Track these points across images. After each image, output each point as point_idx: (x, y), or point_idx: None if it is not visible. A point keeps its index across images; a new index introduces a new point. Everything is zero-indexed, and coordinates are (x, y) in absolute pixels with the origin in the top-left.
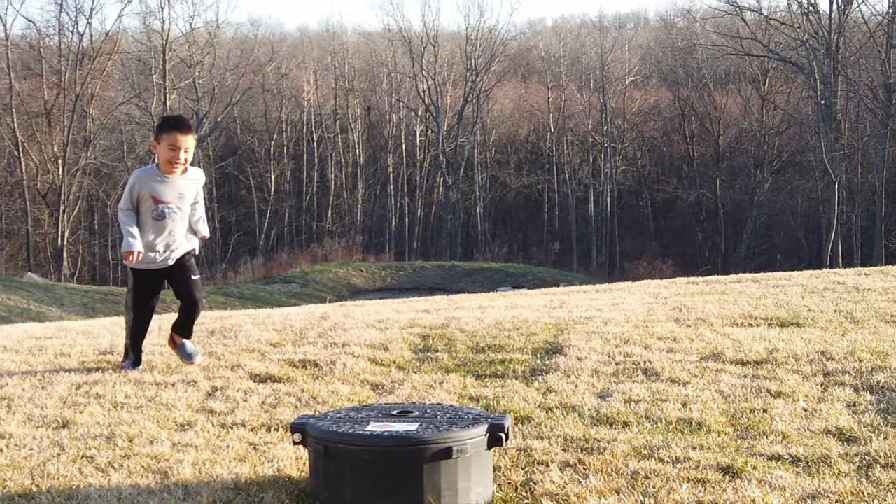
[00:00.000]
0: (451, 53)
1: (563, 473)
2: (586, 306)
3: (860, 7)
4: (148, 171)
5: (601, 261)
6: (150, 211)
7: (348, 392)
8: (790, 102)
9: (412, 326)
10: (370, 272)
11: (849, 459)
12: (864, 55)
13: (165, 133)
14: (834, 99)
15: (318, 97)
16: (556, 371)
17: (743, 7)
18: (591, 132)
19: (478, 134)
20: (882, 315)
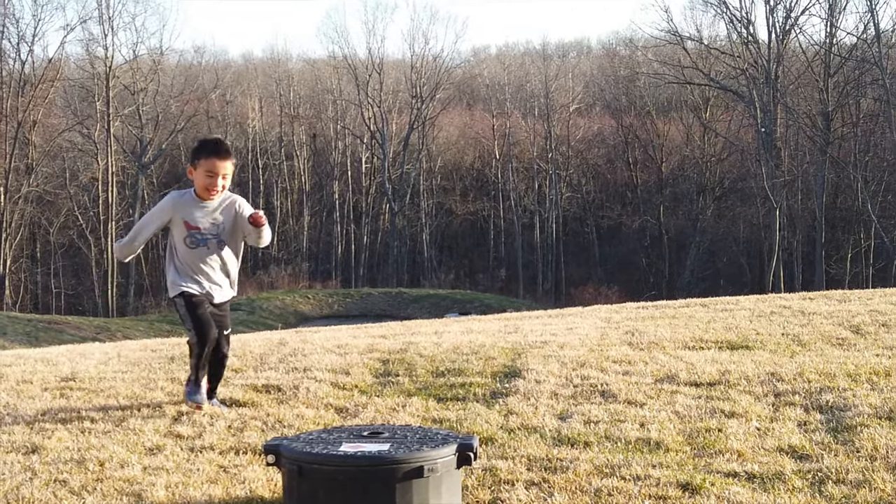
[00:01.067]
0: (397, 81)
1: (528, 492)
2: (541, 331)
3: (798, 37)
4: (184, 194)
5: (547, 287)
6: (182, 237)
7: (313, 416)
8: (731, 130)
9: (371, 351)
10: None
11: (802, 476)
12: (803, 84)
13: (202, 158)
14: (774, 127)
15: (262, 124)
16: (516, 394)
17: (684, 36)
18: (536, 159)
19: (423, 161)
20: (827, 338)
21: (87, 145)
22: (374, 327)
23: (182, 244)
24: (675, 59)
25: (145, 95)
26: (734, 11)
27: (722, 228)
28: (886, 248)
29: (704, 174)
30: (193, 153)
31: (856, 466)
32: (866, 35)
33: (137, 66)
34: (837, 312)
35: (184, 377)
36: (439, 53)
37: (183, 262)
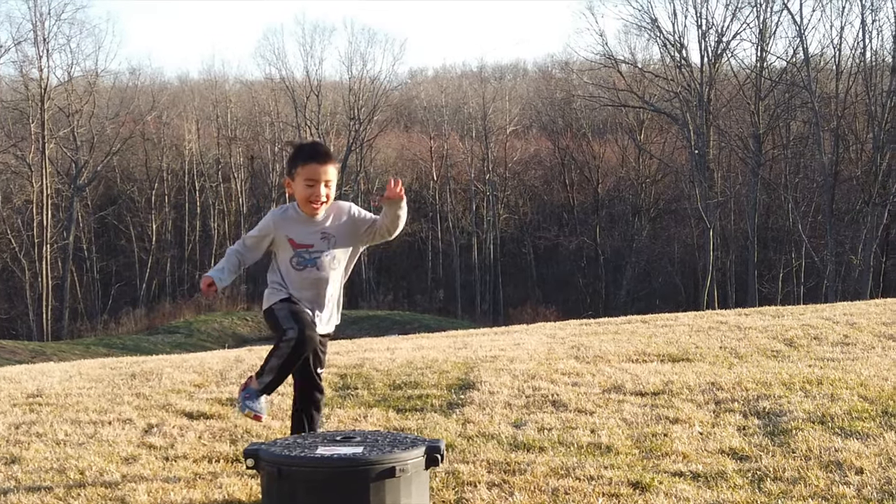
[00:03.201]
0: (335, 103)
1: (490, 492)
2: (489, 346)
3: (730, 61)
4: (286, 209)
5: (485, 307)
6: (288, 258)
7: (280, 426)
8: (665, 152)
9: (328, 367)
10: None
11: (743, 474)
12: (735, 107)
13: (300, 166)
14: (707, 149)
15: (199, 146)
16: (472, 404)
17: (618, 60)
18: (474, 181)
19: (361, 182)
20: (763, 350)
21: (21, 167)
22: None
23: (288, 265)
24: (610, 81)
25: (80, 117)
26: (667, 36)
27: (657, 249)
28: (817, 267)
29: (640, 195)
30: (289, 162)
31: (792, 465)
32: (796, 59)
33: (73, 88)
34: (771, 327)
35: (147, 391)
36: (377, 76)
37: (288, 286)
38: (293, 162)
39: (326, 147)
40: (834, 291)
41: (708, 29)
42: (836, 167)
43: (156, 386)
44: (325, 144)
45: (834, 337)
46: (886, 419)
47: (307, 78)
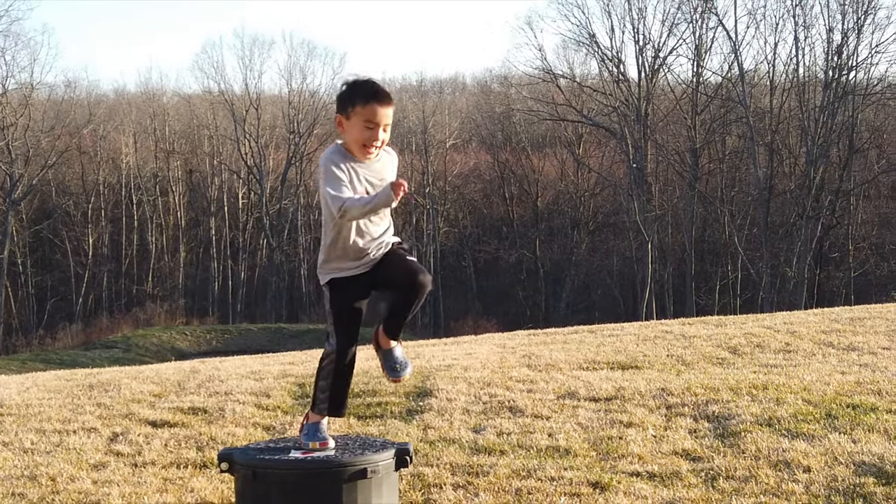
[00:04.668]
0: (274, 116)
1: (456, 493)
2: (442, 356)
3: (666, 76)
4: (337, 151)
5: (426, 320)
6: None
7: (244, 434)
8: (604, 166)
9: (285, 376)
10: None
11: (696, 474)
12: (672, 121)
13: (359, 105)
14: (645, 162)
15: (137, 159)
16: (431, 411)
17: (557, 74)
18: (414, 194)
19: (301, 196)
20: (708, 358)
21: None
22: (279, 356)
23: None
24: (549, 96)
25: (15, 130)
26: (605, 51)
27: (596, 261)
28: (752, 279)
29: (578, 209)
30: (345, 99)
31: (742, 465)
32: (731, 75)
33: (7, 101)
34: (715, 336)
35: (108, 401)
36: (317, 89)
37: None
38: (349, 99)
39: (377, 82)
40: (769, 303)
41: (645, 44)
42: (770, 181)
43: (115, 396)
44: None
45: (776, 345)
46: (830, 421)
47: (246, 91)
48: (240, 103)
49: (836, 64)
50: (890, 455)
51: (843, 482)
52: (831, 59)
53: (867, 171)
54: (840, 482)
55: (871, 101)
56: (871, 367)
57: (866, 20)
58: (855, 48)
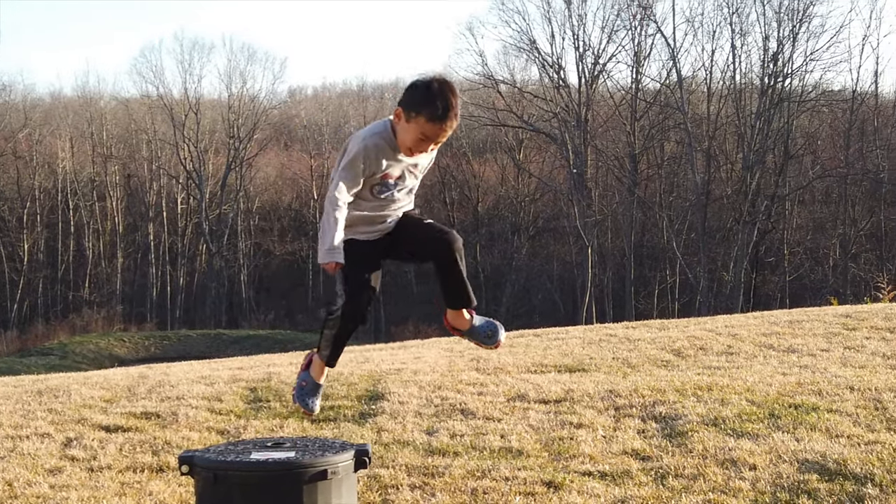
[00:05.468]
0: (213, 121)
1: (413, 493)
2: (391, 360)
3: (606, 82)
4: (382, 135)
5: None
6: (372, 188)
7: (198, 438)
8: (544, 171)
9: (236, 381)
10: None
11: (646, 472)
12: (612, 127)
13: (424, 117)
14: (585, 168)
15: (73, 164)
16: (384, 414)
17: (498, 80)
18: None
19: (241, 201)
20: (653, 360)
21: None
22: (227, 361)
23: (369, 192)
24: (489, 101)
25: None
26: (546, 57)
27: (536, 266)
28: (690, 283)
29: (519, 214)
30: (413, 103)
31: (690, 464)
32: (669, 81)
33: None
34: (659, 339)
35: (59, 407)
36: (257, 94)
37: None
38: (417, 106)
39: (455, 104)
40: (707, 307)
41: (585, 51)
42: (708, 186)
43: (66, 402)
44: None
45: (718, 347)
46: (773, 420)
47: (185, 95)
48: (179, 108)
49: (771, 71)
50: (832, 453)
51: (787, 479)
52: (767, 66)
53: (802, 176)
54: (785, 479)
55: (806, 108)
56: (810, 368)
57: (801, 29)
58: (790, 56)
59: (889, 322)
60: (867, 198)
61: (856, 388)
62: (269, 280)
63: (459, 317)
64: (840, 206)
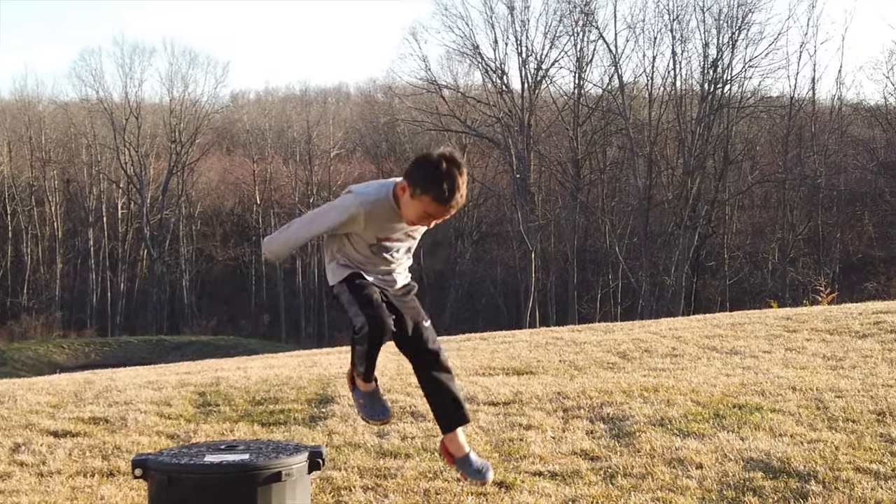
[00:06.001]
0: (155, 125)
1: (366, 494)
2: (339, 363)
3: (549, 88)
4: (382, 200)
5: (310, 331)
6: (366, 244)
7: (148, 442)
8: (488, 176)
9: (184, 386)
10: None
11: (596, 472)
12: (555, 132)
13: (428, 198)
14: (528, 173)
15: (11, 168)
16: (334, 417)
17: (441, 85)
18: (298, 204)
19: (183, 206)
20: (600, 363)
21: None
22: (174, 366)
23: (364, 245)
24: (433, 106)
25: None
26: (489, 62)
27: (480, 271)
28: (633, 287)
29: (462, 219)
30: (420, 180)
31: (639, 463)
32: (611, 87)
33: None
34: (605, 341)
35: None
36: (199, 98)
37: (353, 259)
38: (423, 184)
39: (462, 183)
40: (649, 311)
41: (528, 56)
42: (649, 191)
43: (12, 407)
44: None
45: (663, 349)
46: (718, 420)
47: (126, 99)
48: (119, 112)
49: (711, 77)
50: (776, 451)
51: (733, 477)
52: (707, 72)
53: (741, 181)
54: (731, 477)
55: (745, 114)
56: (753, 369)
57: (740, 36)
58: (729, 62)
59: (829, 324)
60: (805, 203)
61: (798, 388)
62: (211, 285)
63: (454, 440)
64: (778, 210)
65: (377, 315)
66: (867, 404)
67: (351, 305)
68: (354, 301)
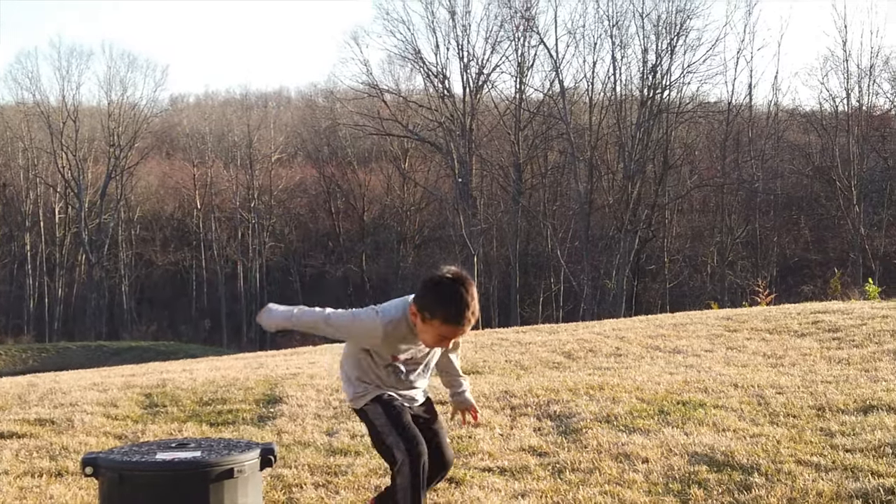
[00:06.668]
0: (93, 129)
1: (317, 491)
2: (285, 365)
3: (490, 92)
4: (399, 323)
5: (252, 336)
6: (384, 364)
7: (96, 442)
8: (430, 180)
9: (129, 387)
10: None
11: (544, 467)
12: (496, 137)
13: (439, 320)
14: (470, 177)
15: None
16: (283, 416)
17: (383, 89)
18: (239, 209)
19: (122, 211)
20: (545, 362)
21: None
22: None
23: (380, 364)
24: (374, 111)
25: None
26: (430, 67)
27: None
28: (574, 291)
29: (405, 223)
30: (428, 304)
31: (586, 458)
32: (552, 92)
33: None
34: (550, 342)
35: None
36: (138, 101)
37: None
38: (431, 308)
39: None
40: (591, 314)
41: (469, 61)
42: (590, 195)
43: None
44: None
45: (607, 349)
46: (663, 417)
47: (63, 103)
48: (56, 115)
49: (650, 83)
50: (720, 445)
51: (679, 471)
52: (646, 78)
53: (680, 186)
54: (676, 471)
55: (684, 119)
56: (696, 367)
57: (678, 42)
58: (668, 68)
59: (768, 324)
60: (743, 207)
61: (740, 385)
62: (151, 290)
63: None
64: (717, 214)
65: (417, 446)
66: (807, 400)
67: (387, 435)
68: (391, 429)
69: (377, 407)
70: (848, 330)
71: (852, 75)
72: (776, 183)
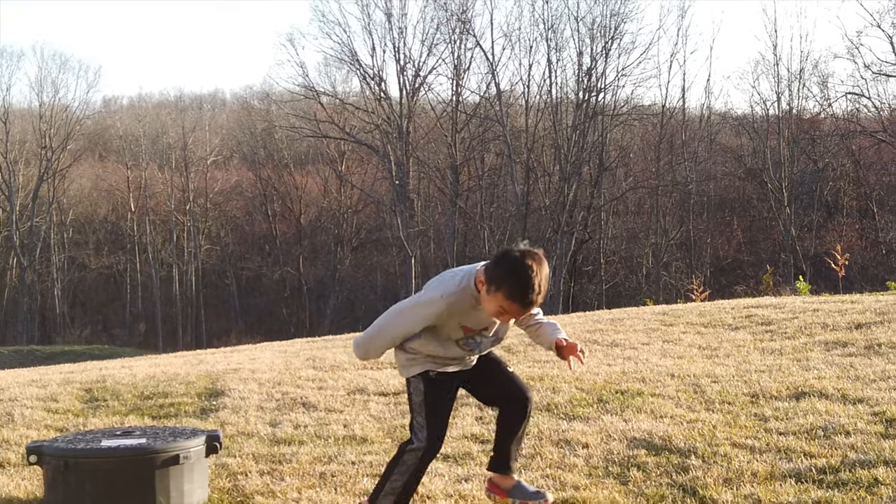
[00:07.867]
0: (24, 131)
1: (262, 478)
2: (226, 361)
3: (427, 94)
4: (465, 294)
5: (187, 340)
6: (452, 336)
7: (37, 435)
8: (367, 182)
9: (69, 383)
10: None
11: (486, 454)
12: (433, 139)
13: (504, 295)
14: (407, 179)
15: None
16: (225, 409)
17: (319, 91)
18: (174, 212)
19: (54, 214)
20: None
21: None
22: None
23: (450, 340)
24: (311, 113)
25: None
26: (367, 69)
27: (360, 278)
28: None
29: (342, 225)
30: (496, 276)
31: (528, 445)
32: (489, 94)
33: None
34: None
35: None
36: (70, 103)
37: (437, 347)
38: (499, 281)
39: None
40: None
41: (406, 63)
42: (527, 197)
43: None
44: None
45: None
46: (602, 405)
47: None
48: None
49: (585, 86)
50: (657, 431)
51: (618, 455)
52: (581, 81)
53: (616, 188)
54: (616, 455)
55: (619, 122)
56: (633, 359)
57: (613, 45)
58: (603, 71)
59: (703, 318)
60: (677, 208)
61: (676, 375)
62: (84, 294)
63: (507, 479)
64: (652, 216)
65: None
66: (741, 388)
67: (419, 413)
68: (425, 412)
69: (420, 384)
70: (780, 323)
71: (783, 79)
72: (709, 185)
